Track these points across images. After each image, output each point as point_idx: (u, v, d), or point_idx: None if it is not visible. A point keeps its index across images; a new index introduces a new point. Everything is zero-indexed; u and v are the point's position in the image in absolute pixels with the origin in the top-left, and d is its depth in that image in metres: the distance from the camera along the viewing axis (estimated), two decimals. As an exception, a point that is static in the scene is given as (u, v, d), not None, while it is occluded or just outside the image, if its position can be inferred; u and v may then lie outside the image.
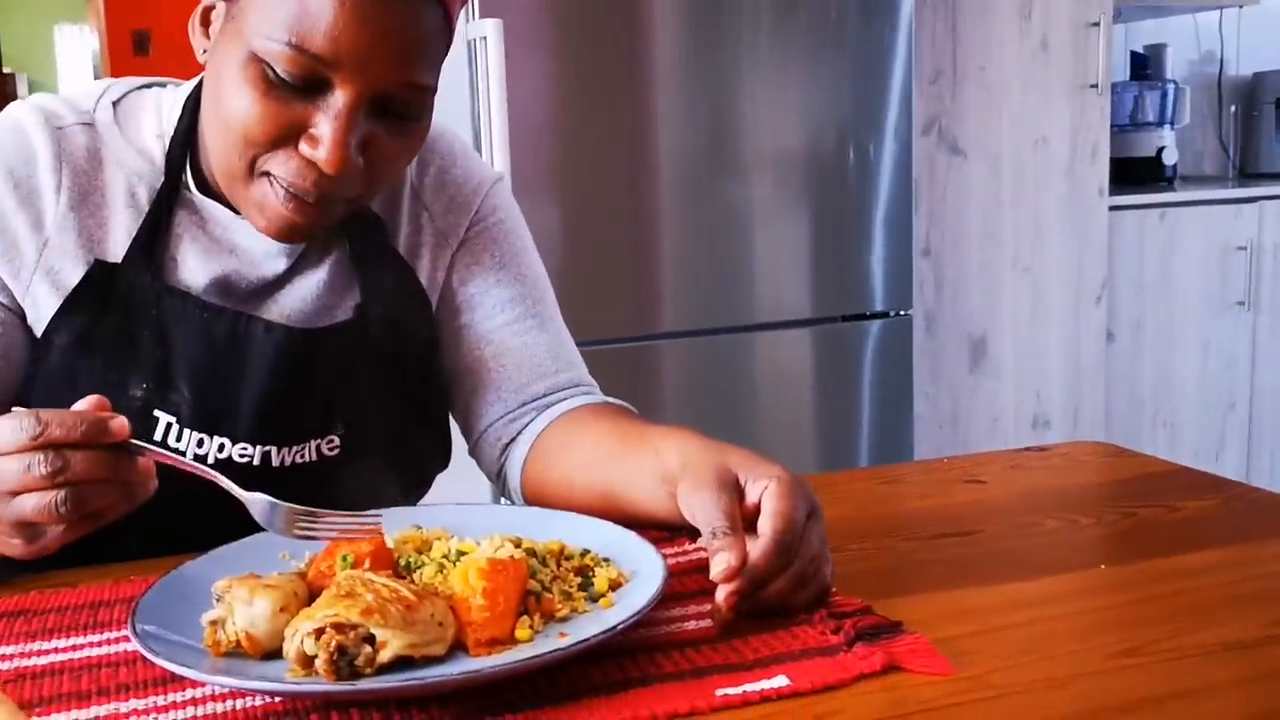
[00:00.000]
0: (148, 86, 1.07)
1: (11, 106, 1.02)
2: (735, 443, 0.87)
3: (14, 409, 0.78)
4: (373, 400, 1.06)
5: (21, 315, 1.00)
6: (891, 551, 0.92)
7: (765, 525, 0.77)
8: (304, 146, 0.90)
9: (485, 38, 2.28)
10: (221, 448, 1.00)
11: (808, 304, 2.71)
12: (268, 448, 1.01)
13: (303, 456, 1.03)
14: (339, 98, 0.88)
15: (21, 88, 8.81)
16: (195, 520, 0.90)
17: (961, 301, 3.01)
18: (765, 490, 0.79)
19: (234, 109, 0.90)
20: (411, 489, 1.17)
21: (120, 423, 0.77)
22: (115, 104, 1.04)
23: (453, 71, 2.46)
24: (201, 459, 1.00)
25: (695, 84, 2.53)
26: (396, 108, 0.91)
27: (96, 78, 6.99)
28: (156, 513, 0.86)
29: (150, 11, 5.59)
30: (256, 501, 0.82)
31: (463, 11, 2.36)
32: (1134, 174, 3.39)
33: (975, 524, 0.97)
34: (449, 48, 0.94)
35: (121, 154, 1.01)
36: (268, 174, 0.92)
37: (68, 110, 1.02)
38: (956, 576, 0.85)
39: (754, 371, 2.72)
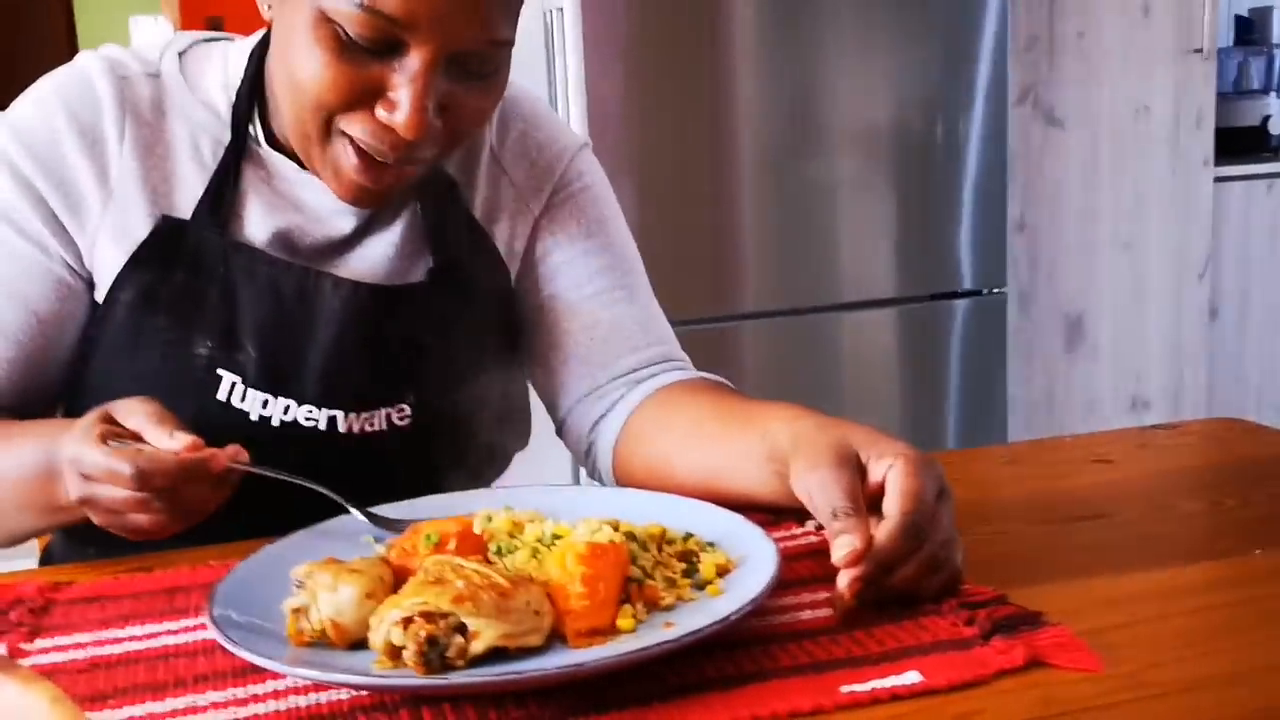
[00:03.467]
0: (213, 40, 1.03)
1: (79, 56, 0.99)
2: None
3: (109, 444, 0.79)
4: (446, 369, 1.01)
5: (88, 282, 0.97)
6: (1020, 536, 0.84)
7: (892, 505, 0.70)
8: (381, 111, 0.86)
9: (562, 9, 2.22)
10: (287, 409, 0.96)
11: (894, 282, 2.63)
12: (334, 412, 0.97)
13: (372, 425, 0.98)
14: (415, 59, 0.83)
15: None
16: (270, 508, 0.87)
17: (1058, 279, 2.90)
18: (890, 468, 0.72)
19: (305, 72, 0.85)
20: (488, 468, 1.12)
21: (219, 458, 0.79)
22: (181, 54, 1.01)
23: (528, 44, 2.41)
24: (267, 420, 0.96)
25: (777, 56, 2.46)
26: (474, 65, 0.87)
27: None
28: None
29: (225, -1, 5.62)
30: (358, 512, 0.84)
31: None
32: (1237, 144, 3.24)
33: (1108, 507, 0.89)
34: None
35: (186, 106, 0.98)
36: (344, 134, 0.88)
37: (133, 60, 0.99)
38: (1094, 563, 0.78)
39: (838, 352, 2.65)
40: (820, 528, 0.82)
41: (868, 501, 0.72)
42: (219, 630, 0.65)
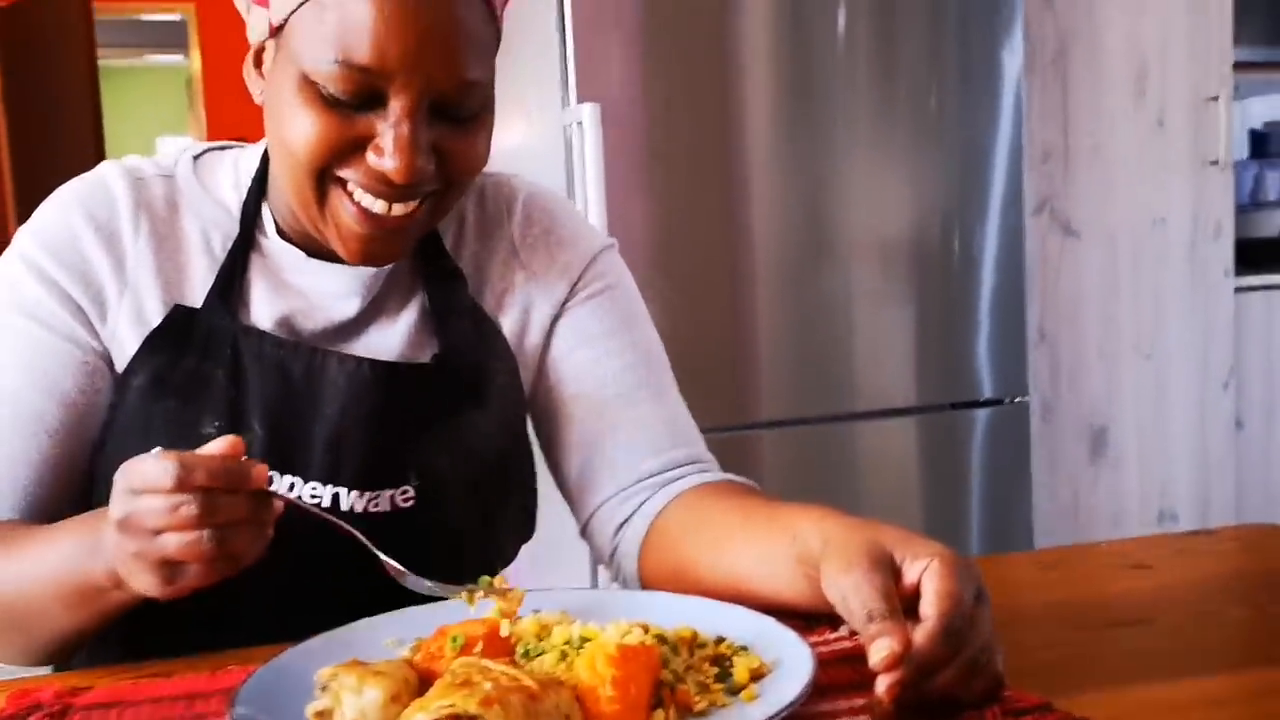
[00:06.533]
0: (226, 147, 1.08)
1: (99, 165, 1.04)
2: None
3: (155, 451, 0.77)
4: (450, 454, 1.01)
5: (114, 370, 0.98)
6: (1062, 642, 0.82)
7: (929, 607, 0.68)
8: (371, 157, 0.89)
9: (581, 123, 2.26)
10: (291, 487, 0.96)
11: (913, 391, 2.61)
12: (338, 489, 0.97)
13: (376, 505, 0.98)
14: (395, 106, 0.87)
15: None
16: (288, 607, 0.87)
17: (1080, 388, 2.89)
18: (926, 570, 0.70)
19: (295, 131, 0.89)
20: (492, 558, 1.10)
21: (261, 470, 0.78)
22: (195, 159, 1.05)
23: (549, 158, 2.45)
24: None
25: (794, 167, 2.49)
26: (454, 109, 0.90)
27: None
28: (256, 599, 0.84)
29: (249, 119, 5.74)
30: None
31: (559, 97, 2.35)
32: (1256, 256, 3.24)
33: (1150, 612, 0.87)
34: (498, 40, 0.94)
35: (198, 204, 1.02)
36: (341, 184, 0.90)
37: (149, 165, 1.04)
38: (1141, 670, 0.76)
39: (857, 462, 2.62)
40: (854, 633, 0.80)
41: (903, 604, 0.70)
42: (239, 735, 0.63)
